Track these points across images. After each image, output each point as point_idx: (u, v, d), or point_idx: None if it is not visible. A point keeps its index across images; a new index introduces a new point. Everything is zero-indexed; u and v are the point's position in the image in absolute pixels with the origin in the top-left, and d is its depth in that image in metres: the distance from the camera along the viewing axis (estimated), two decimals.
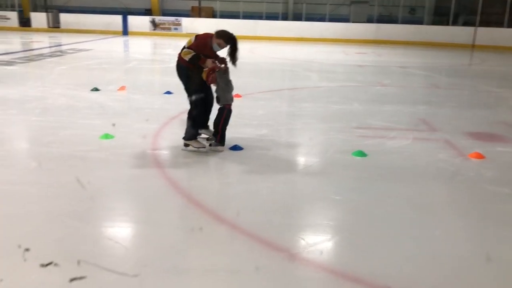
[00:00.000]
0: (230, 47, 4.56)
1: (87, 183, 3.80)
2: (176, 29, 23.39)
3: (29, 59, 12.34)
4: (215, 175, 4.33)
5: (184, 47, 4.60)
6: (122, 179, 4.07)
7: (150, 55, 15.85)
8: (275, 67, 13.33)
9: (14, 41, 18.41)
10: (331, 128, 5.91)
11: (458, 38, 21.37)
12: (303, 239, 3.03)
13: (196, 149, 4.74)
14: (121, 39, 20.98)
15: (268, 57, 15.40)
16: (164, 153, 4.75)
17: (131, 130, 5.50)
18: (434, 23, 24.23)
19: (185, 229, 3.16)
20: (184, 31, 23.11)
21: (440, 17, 24.36)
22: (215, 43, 4.55)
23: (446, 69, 13.79)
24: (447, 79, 11.66)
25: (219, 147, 4.78)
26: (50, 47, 16.69)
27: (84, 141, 5.02)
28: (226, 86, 4.65)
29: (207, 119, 5.11)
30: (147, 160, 4.53)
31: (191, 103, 4.73)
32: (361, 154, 4.86)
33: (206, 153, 4.74)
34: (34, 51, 14.82)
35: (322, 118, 6.49)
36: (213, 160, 4.65)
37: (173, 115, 6.33)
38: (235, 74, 4.74)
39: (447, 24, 22.66)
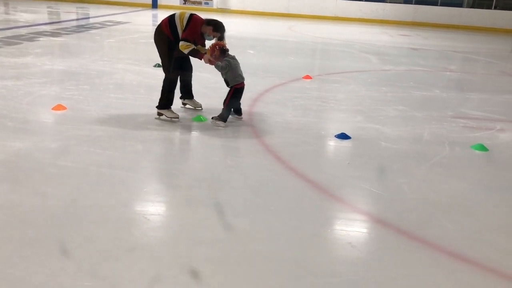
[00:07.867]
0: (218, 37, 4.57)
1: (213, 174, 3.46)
2: (207, 3, 22.74)
3: (73, 31, 11.92)
4: (339, 168, 3.96)
5: (173, 18, 4.62)
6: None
7: None
8: (327, 47, 12.79)
9: (44, 11, 17.91)
10: (430, 117, 5.51)
11: (501, 22, 20.60)
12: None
13: (169, 119, 4.64)
14: (151, 12, 20.42)
15: (313, 36, 14.83)
16: (270, 138, 4.40)
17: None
18: (473, 6, 23.38)
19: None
20: (215, 6, 22.49)
21: (480, 0, 23.50)
22: (204, 30, 4.54)
23: (506, 55, 13.19)
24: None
25: (219, 123, 4.60)
26: (85, 18, 16.26)
27: (178, 123, 4.69)
28: (233, 70, 4.57)
29: (190, 89, 5.08)
30: (257, 147, 4.19)
31: (166, 71, 4.64)
32: (482, 148, 4.48)
33: (306, 141, 4.41)
34: (71, 22, 14.40)
35: (412, 105, 6.08)
36: (326, 150, 4.31)
37: (254, 96, 5.98)
38: (290, 54, 4.47)
39: (488, 8, 21.81)
